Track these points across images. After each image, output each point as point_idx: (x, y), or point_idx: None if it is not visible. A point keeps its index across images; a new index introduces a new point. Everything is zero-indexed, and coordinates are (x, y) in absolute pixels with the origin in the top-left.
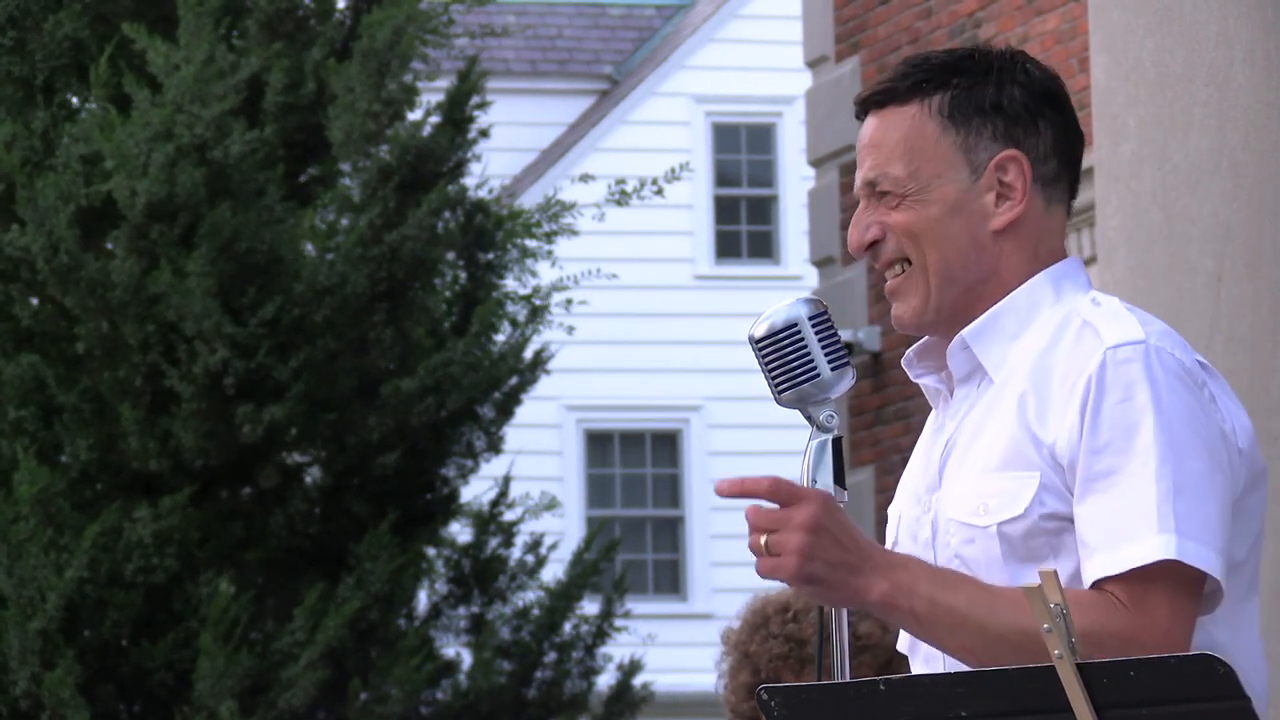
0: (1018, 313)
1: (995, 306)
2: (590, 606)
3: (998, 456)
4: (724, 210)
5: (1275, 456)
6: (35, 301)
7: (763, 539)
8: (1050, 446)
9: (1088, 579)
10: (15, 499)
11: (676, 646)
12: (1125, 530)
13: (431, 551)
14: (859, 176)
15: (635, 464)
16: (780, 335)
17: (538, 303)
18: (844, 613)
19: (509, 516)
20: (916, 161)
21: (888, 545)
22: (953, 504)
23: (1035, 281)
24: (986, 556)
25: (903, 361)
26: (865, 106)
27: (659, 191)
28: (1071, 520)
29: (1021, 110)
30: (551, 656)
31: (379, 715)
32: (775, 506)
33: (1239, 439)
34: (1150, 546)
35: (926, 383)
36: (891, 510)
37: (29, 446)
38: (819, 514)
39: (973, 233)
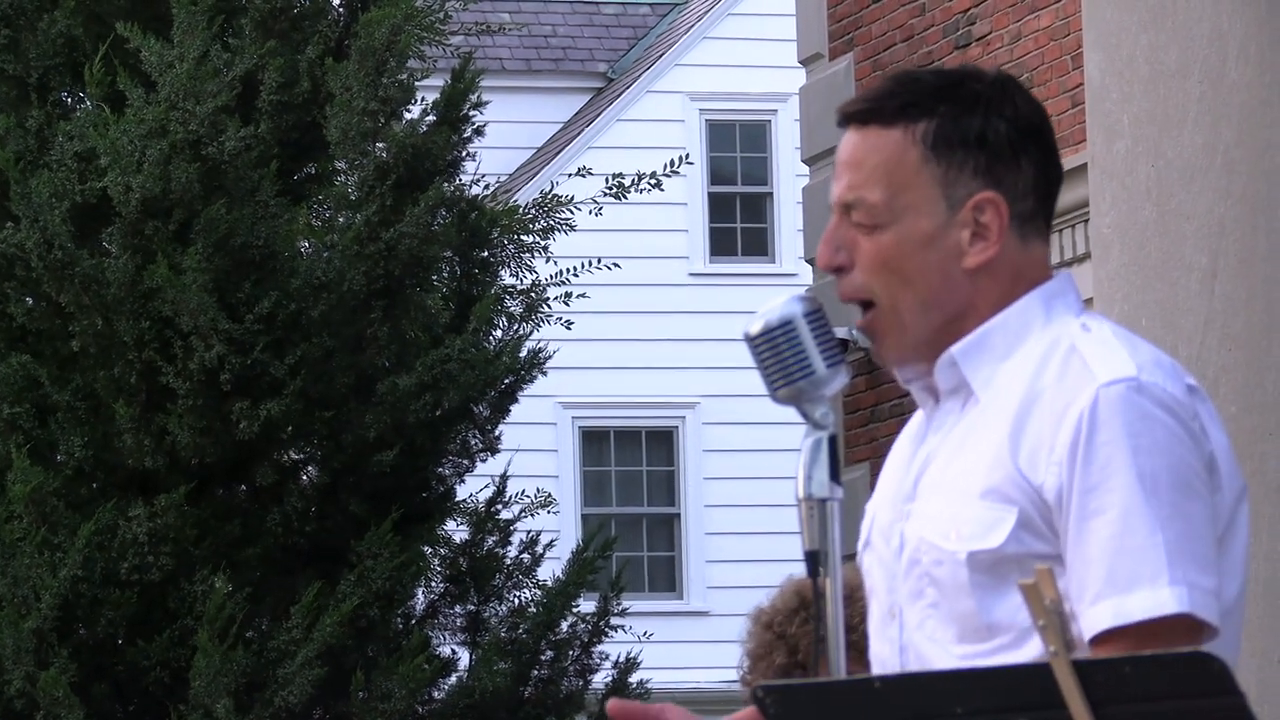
0: (1008, 332)
1: (986, 324)
2: (586, 605)
3: (978, 483)
4: (719, 207)
5: (1272, 453)
6: (29, 300)
7: None
8: (1038, 485)
9: (1089, 627)
10: (9, 498)
11: (673, 643)
12: (1130, 577)
13: (428, 550)
14: (835, 191)
15: (631, 461)
16: (775, 333)
17: (534, 296)
18: (839, 609)
19: (505, 515)
20: (894, 190)
21: (859, 543)
22: (926, 522)
23: (1027, 301)
24: (954, 580)
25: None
26: (848, 119)
27: (658, 185)
28: (1043, 557)
29: (1005, 146)
30: (548, 655)
31: (381, 713)
32: None
33: (1221, 466)
34: (1163, 598)
35: (915, 388)
36: (868, 507)
37: (23, 445)
38: None
39: (945, 268)
